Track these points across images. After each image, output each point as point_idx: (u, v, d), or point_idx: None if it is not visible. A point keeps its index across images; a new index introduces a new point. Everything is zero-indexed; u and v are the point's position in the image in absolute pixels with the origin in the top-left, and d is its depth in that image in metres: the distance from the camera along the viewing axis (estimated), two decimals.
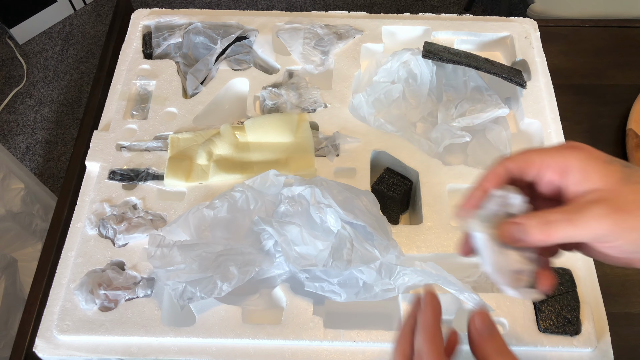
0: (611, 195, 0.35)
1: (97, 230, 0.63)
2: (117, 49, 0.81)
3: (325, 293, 0.56)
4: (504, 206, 0.39)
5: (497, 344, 0.38)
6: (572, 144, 0.39)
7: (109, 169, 0.68)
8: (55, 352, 0.57)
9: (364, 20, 0.82)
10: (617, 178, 0.36)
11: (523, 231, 0.37)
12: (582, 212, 0.35)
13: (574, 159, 0.38)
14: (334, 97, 0.74)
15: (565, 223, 0.35)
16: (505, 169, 0.40)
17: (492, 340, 0.38)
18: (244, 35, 0.81)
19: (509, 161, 0.40)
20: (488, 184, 0.40)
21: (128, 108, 0.75)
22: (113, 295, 0.59)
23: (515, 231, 0.37)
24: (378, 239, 0.56)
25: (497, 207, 0.39)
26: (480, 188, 0.40)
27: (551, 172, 0.39)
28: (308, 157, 0.68)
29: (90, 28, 2.15)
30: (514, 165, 0.40)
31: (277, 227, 0.57)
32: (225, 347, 0.57)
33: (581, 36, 0.89)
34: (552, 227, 0.36)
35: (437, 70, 0.74)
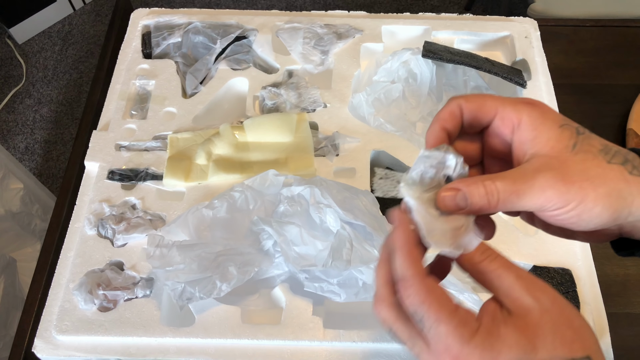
0: (558, 164, 0.34)
1: (96, 230, 0.63)
2: (117, 48, 0.81)
3: (325, 293, 0.56)
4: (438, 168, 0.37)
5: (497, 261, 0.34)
6: (529, 100, 0.37)
7: (108, 169, 0.68)
8: (54, 352, 0.57)
9: (363, 20, 0.82)
10: (566, 144, 0.35)
11: (464, 199, 0.35)
12: (527, 181, 0.34)
13: (526, 115, 0.36)
14: (334, 96, 0.74)
15: (509, 194, 0.34)
16: (460, 107, 0.38)
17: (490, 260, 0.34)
18: (243, 34, 0.80)
19: (463, 100, 0.38)
20: (445, 123, 0.38)
21: (127, 108, 0.74)
22: (112, 296, 0.59)
23: (458, 199, 0.35)
24: (378, 239, 0.56)
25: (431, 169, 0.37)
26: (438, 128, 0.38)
27: (504, 125, 0.37)
28: (307, 157, 0.68)
29: (90, 28, 2.15)
30: (468, 105, 0.38)
31: (276, 227, 0.56)
32: (225, 347, 0.57)
33: (581, 36, 0.89)
34: (496, 197, 0.34)
35: (437, 69, 0.74)
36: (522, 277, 0.32)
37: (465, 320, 0.32)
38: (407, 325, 0.34)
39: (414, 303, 0.33)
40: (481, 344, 0.31)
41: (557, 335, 0.31)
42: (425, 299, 0.32)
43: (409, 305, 0.33)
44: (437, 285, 0.33)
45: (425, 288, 0.33)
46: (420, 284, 0.33)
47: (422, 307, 0.32)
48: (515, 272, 0.33)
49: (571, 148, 0.35)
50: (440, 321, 0.32)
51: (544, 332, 0.31)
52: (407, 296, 0.33)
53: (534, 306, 0.31)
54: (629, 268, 0.68)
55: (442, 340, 0.32)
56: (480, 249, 0.34)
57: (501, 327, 0.31)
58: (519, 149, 0.36)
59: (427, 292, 0.33)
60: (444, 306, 0.32)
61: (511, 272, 0.33)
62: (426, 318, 0.32)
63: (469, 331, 0.31)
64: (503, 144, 0.38)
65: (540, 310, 0.31)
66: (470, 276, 0.35)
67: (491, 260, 0.33)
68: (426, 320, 0.32)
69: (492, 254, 0.34)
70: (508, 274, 0.32)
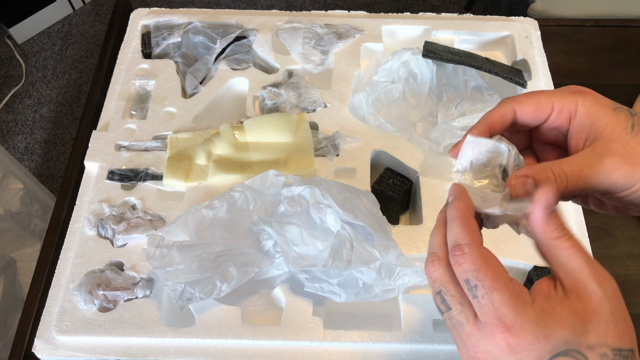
0: (620, 146, 0.35)
1: (96, 230, 0.63)
2: (116, 48, 0.80)
3: (325, 293, 0.56)
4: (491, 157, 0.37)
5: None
6: (577, 88, 0.38)
7: (107, 169, 0.68)
8: (54, 352, 0.57)
9: (363, 20, 0.82)
10: (624, 127, 0.36)
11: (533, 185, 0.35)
12: (593, 166, 0.35)
13: (581, 104, 0.37)
14: (334, 96, 0.74)
15: (577, 179, 0.35)
16: (513, 111, 0.38)
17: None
18: (243, 34, 0.80)
19: (517, 105, 0.38)
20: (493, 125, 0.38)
21: (127, 108, 0.74)
22: (112, 296, 0.59)
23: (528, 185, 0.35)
24: (378, 239, 0.56)
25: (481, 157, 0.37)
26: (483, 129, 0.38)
27: (561, 118, 0.38)
28: (308, 157, 0.68)
29: (89, 27, 2.15)
30: (524, 108, 0.38)
31: (276, 227, 0.56)
32: (225, 347, 0.57)
33: (581, 36, 0.89)
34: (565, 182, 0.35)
35: (437, 69, 0.74)
36: (591, 262, 0.33)
37: (519, 293, 0.32)
38: (459, 289, 0.34)
39: (469, 269, 0.32)
40: (535, 318, 0.31)
41: (612, 324, 0.31)
42: (481, 265, 0.32)
43: (463, 272, 0.33)
44: (493, 255, 0.33)
45: (482, 255, 0.33)
46: (478, 251, 0.33)
47: (477, 273, 0.32)
48: (586, 256, 0.33)
49: (630, 130, 0.36)
50: (495, 289, 0.31)
51: (600, 319, 0.31)
52: (462, 262, 0.33)
53: (596, 292, 0.31)
54: (629, 268, 0.68)
55: (495, 308, 0.31)
56: (558, 225, 0.33)
57: (557, 306, 0.31)
58: (577, 136, 0.37)
59: (483, 259, 0.32)
60: (500, 275, 0.32)
61: (582, 255, 0.33)
62: (480, 285, 0.32)
63: (523, 303, 0.31)
64: (557, 134, 0.39)
65: (602, 298, 0.31)
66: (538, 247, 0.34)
67: (567, 239, 0.33)
68: (480, 288, 0.32)
69: (567, 232, 0.33)
70: (579, 256, 0.32)
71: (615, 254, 0.69)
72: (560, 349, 0.30)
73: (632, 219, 0.72)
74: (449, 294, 0.34)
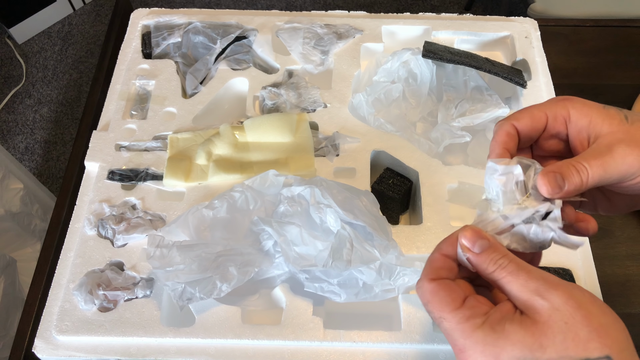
0: (623, 135, 0.37)
1: (96, 230, 0.63)
2: (117, 48, 0.81)
3: (325, 293, 0.56)
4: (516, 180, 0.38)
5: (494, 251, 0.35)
6: (562, 97, 0.40)
7: (108, 169, 0.68)
8: (54, 352, 0.57)
9: (363, 20, 0.82)
10: (619, 119, 0.38)
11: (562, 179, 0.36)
12: (606, 154, 0.36)
13: (571, 108, 0.39)
14: (334, 96, 0.74)
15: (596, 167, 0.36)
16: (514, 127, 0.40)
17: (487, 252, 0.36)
18: (243, 34, 0.80)
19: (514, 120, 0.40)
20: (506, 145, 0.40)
21: (127, 108, 0.74)
22: (112, 296, 0.59)
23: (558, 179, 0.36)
24: (378, 239, 0.56)
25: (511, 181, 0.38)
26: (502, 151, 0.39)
27: (557, 123, 0.39)
28: (308, 157, 0.68)
29: (90, 28, 2.15)
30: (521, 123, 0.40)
31: (276, 227, 0.56)
32: (225, 347, 0.57)
33: (581, 36, 0.89)
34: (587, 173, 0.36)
35: (437, 70, 0.74)
36: (532, 279, 0.33)
37: (469, 316, 0.33)
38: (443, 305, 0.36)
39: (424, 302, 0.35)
40: (482, 339, 0.32)
41: (570, 334, 0.30)
42: (429, 299, 0.35)
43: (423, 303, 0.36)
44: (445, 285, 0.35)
45: (430, 289, 0.35)
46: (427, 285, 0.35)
47: (427, 306, 0.35)
48: (525, 276, 0.33)
49: (625, 120, 0.38)
50: (443, 318, 0.34)
51: (553, 331, 0.31)
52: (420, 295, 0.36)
53: (542, 305, 0.32)
54: (629, 268, 0.68)
55: (448, 335, 0.34)
56: (491, 259, 0.35)
57: (507, 324, 0.32)
58: (578, 137, 0.39)
59: (430, 292, 0.35)
60: (447, 304, 0.34)
61: (520, 277, 0.33)
62: (433, 317, 0.35)
63: (471, 326, 0.33)
64: (558, 142, 0.41)
65: (550, 309, 0.31)
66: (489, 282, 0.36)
67: (502, 269, 0.34)
68: (435, 317, 0.35)
69: (503, 262, 0.34)
70: (516, 279, 0.33)
71: (615, 254, 0.69)
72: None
73: (632, 219, 0.72)
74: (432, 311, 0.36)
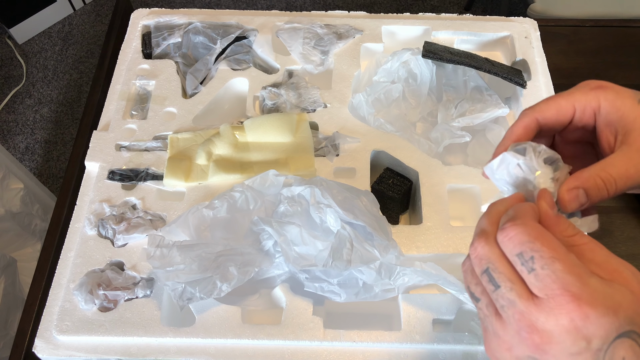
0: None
1: (97, 230, 0.63)
2: (117, 48, 0.81)
3: (325, 293, 0.56)
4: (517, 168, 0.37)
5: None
6: (597, 84, 0.38)
7: (108, 169, 0.68)
8: (55, 352, 0.57)
9: (363, 20, 0.82)
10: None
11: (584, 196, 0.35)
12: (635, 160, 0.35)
13: (603, 99, 0.37)
14: (334, 97, 0.74)
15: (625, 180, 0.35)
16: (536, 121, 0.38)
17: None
18: (243, 35, 0.80)
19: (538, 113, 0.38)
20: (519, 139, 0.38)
21: (127, 108, 0.74)
22: (112, 296, 0.59)
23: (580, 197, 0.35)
24: (378, 239, 0.56)
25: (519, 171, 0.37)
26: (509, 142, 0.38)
27: (585, 116, 0.38)
28: (308, 157, 0.68)
29: (90, 28, 2.15)
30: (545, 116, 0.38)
31: (276, 227, 0.56)
32: (225, 347, 0.57)
33: (581, 36, 0.89)
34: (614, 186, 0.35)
35: (437, 70, 0.74)
36: (612, 254, 0.32)
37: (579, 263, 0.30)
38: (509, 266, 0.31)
39: (523, 241, 0.30)
40: (602, 289, 0.29)
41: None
42: (537, 236, 0.30)
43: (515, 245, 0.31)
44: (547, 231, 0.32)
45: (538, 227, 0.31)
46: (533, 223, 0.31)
47: (533, 244, 0.30)
48: (605, 249, 0.32)
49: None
50: (556, 258, 0.29)
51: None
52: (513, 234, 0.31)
53: (633, 277, 0.30)
54: None
55: (559, 277, 0.29)
56: (568, 224, 0.33)
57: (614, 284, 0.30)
58: (606, 131, 0.37)
59: (539, 230, 0.31)
60: (559, 246, 0.30)
61: (602, 247, 0.32)
62: (538, 256, 0.29)
63: (587, 272, 0.29)
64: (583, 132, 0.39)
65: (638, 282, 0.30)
66: None
67: (582, 236, 0.32)
68: (538, 259, 0.29)
69: (579, 231, 0.33)
70: (601, 248, 0.32)
71: (615, 254, 0.69)
72: (624, 328, 0.28)
73: (632, 219, 0.72)
74: (497, 270, 0.31)
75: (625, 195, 0.74)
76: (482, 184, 0.66)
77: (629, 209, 0.73)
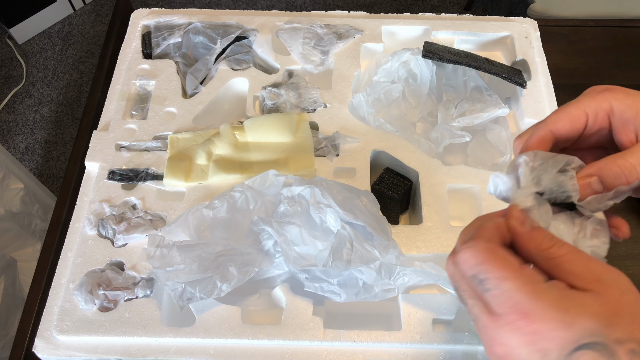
0: None
1: (97, 230, 0.63)
2: (117, 48, 0.81)
3: (325, 293, 0.56)
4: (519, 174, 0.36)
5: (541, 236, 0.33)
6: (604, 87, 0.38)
7: (108, 169, 0.68)
8: (55, 352, 0.57)
9: (363, 20, 0.82)
10: None
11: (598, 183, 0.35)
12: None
13: (613, 100, 0.37)
14: (334, 97, 0.74)
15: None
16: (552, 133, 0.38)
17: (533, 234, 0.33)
18: (243, 35, 0.80)
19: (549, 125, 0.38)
20: None
21: (127, 108, 0.74)
22: (112, 296, 0.59)
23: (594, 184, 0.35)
24: (378, 239, 0.56)
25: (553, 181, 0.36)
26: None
27: (599, 119, 0.37)
28: (308, 157, 0.68)
29: (90, 28, 2.15)
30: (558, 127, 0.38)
31: (276, 227, 0.56)
32: (225, 347, 0.57)
33: (581, 36, 0.89)
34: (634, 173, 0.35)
35: (437, 70, 0.74)
36: (594, 260, 0.31)
37: (534, 278, 0.30)
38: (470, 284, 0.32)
39: (473, 264, 0.31)
40: (556, 303, 0.29)
41: (637, 317, 0.29)
42: (485, 258, 0.31)
43: (468, 268, 0.32)
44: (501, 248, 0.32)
45: (486, 248, 0.31)
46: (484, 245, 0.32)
47: (482, 266, 0.31)
48: (586, 257, 0.32)
49: None
50: (505, 278, 0.30)
51: (624, 311, 0.29)
52: (467, 257, 0.32)
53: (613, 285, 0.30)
54: (629, 268, 0.68)
55: (508, 297, 0.29)
56: (545, 236, 0.33)
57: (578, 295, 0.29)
58: (624, 130, 0.37)
59: (487, 251, 0.31)
60: (508, 263, 0.30)
61: (582, 256, 0.32)
62: (489, 277, 0.30)
63: (540, 288, 0.29)
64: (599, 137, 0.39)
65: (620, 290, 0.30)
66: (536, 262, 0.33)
67: (560, 247, 0.32)
68: (489, 280, 0.30)
69: (559, 241, 0.33)
70: (580, 258, 0.31)
71: (615, 254, 0.69)
72: (584, 340, 0.28)
73: (632, 219, 0.72)
74: (461, 289, 0.33)
75: None
76: (482, 184, 0.66)
77: (629, 209, 0.73)
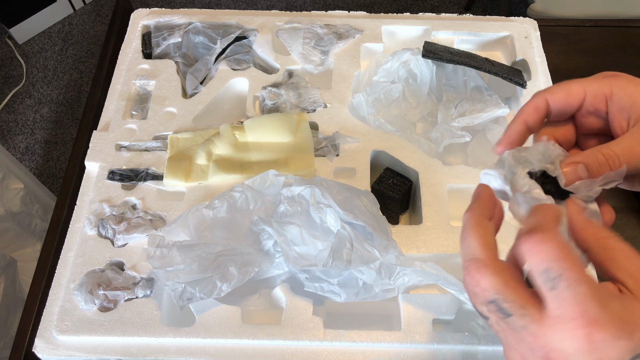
0: None
1: (97, 230, 0.63)
2: (117, 48, 0.81)
3: (325, 293, 0.56)
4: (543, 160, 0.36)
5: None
6: (611, 73, 0.39)
7: (108, 169, 0.68)
8: (55, 352, 0.57)
9: (363, 20, 0.82)
10: None
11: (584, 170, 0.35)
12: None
13: (615, 86, 0.38)
14: (334, 97, 0.74)
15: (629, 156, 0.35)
16: (546, 101, 0.39)
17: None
18: (243, 35, 0.80)
19: (548, 94, 0.39)
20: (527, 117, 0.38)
21: (127, 108, 0.74)
22: (112, 296, 0.59)
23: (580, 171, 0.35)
24: (378, 239, 0.56)
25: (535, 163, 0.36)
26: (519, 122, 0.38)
27: (596, 101, 0.38)
28: (308, 157, 0.68)
29: (90, 28, 2.15)
30: (555, 97, 0.38)
31: (276, 227, 0.56)
32: (225, 347, 0.57)
33: (581, 36, 0.89)
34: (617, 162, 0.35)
35: (437, 70, 0.74)
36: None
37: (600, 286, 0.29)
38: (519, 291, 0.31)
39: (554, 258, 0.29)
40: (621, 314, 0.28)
41: None
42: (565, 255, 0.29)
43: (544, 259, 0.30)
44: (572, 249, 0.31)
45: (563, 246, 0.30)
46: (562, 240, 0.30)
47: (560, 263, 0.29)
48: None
49: None
50: (582, 281, 0.28)
51: None
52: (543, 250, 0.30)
53: None
54: None
55: (579, 302, 0.28)
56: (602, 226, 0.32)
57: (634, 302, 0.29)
58: (618, 117, 0.38)
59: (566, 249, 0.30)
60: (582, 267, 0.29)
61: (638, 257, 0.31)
62: (565, 277, 0.29)
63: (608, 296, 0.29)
64: (597, 119, 0.39)
65: None
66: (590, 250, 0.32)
67: (618, 240, 0.31)
68: (564, 280, 0.29)
69: (615, 235, 0.32)
70: (636, 257, 0.31)
71: None
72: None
73: (632, 218, 0.72)
74: (506, 300, 0.31)
75: (626, 195, 0.74)
76: None
77: (629, 209, 0.73)
